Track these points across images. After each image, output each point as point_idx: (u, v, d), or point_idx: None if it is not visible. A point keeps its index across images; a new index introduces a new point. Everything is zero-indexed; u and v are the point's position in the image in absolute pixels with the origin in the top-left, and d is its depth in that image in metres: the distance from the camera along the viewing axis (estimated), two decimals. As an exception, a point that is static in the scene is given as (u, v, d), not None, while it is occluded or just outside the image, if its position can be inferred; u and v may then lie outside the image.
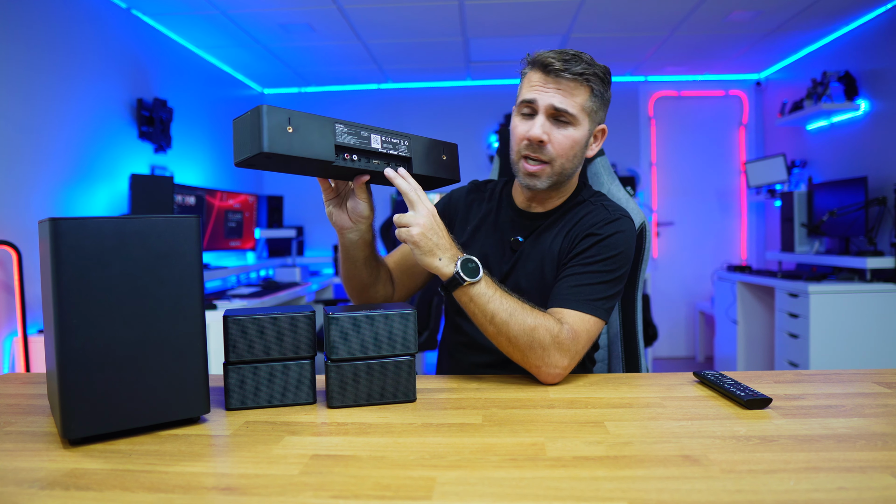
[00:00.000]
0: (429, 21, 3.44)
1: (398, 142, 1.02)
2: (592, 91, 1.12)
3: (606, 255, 1.10)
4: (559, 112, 1.10)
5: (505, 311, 0.99)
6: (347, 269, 1.16)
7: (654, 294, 4.81)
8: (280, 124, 0.87)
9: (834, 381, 1.02)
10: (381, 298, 1.24)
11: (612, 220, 1.15)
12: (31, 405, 0.94)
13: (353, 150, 0.97)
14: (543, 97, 1.10)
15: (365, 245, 1.13)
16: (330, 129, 0.93)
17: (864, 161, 3.45)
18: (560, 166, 1.13)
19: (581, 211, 1.19)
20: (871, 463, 0.66)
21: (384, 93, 4.96)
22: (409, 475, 0.65)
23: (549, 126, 1.11)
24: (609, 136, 1.27)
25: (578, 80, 1.10)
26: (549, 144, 1.11)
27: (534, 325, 0.99)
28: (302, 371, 0.90)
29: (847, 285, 3.08)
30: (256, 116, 0.86)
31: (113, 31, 3.01)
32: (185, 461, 0.69)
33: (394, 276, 1.28)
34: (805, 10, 3.32)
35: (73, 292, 0.72)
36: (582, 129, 1.13)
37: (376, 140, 0.99)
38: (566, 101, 1.10)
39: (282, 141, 0.87)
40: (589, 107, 1.13)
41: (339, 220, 1.09)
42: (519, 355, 1.01)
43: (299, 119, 0.89)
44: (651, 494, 0.59)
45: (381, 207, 4.88)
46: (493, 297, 0.99)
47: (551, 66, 1.09)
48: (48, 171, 2.56)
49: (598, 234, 1.12)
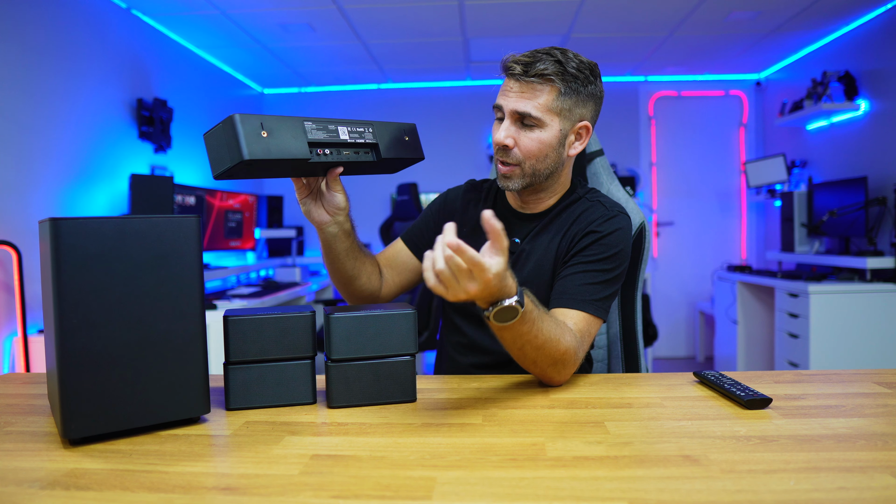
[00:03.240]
0: (429, 21, 3.44)
1: (363, 130, 1.04)
2: (560, 90, 1.09)
3: (606, 254, 1.10)
4: (521, 115, 1.10)
5: (539, 340, 0.93)
6: (332, 263, 1.16)
7: (654, 294, 4.81)
8: (255, 130, 0.88)
9: (834, 381, 1.02)
10: (367, 292, 1.23)
11: (611, 216, 1.15)
12: (31, 405, 0.94)
13: (325, 145, 0.99)
14: (508, 102, 1.11)
15: (346, 236, 1.13)
16: (300, 128, 0.95)
17: (864, 161, 3.45)
18: (531, 167, 1.13)
19: (577, 208, 1.19)
20: (871, 463, 0.66)
21: (384, 93, 4.96)
22: (409, 475, 0.65)
23: (514, 130, 1.11)
24: (609, 136, 1.28)
25: (540, 81, 1.08)
26: (514, 148, 1.12)
27: (564, 351, 0.96)
28: (302, 371, 0.90)
29: (847, 285, 3.08)
30: (230, 126, 0.87)
31: (113, 31, 3.01)
32: (185, 461, 0.69)
33: (383, 272, 1.27)
34: (805, 10, 3.32)
35: (73, 292, 0.72)
36: (550, 129, 1.11)
37: (343, 131, 1.01)
38: (528, 103, 1.09)
39: (259, 146, 0.87)
40: (557, 106, 1.10)
41: (317, 217, 1.09)
42: (537, 371, 0.99)
43: (271, 122, 0.90)
44: (651, 494, 0.59)
45: (381, 207, 4.89)
46: (531, 331, 0.92)
47: (512, 70, 1.10)
48: (48, 171, 2.56)
49: (597, 232, 1.12)
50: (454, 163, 4.79)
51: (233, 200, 3.70)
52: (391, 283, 1.28)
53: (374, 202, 4.88)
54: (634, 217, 1.32)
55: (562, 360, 0.97)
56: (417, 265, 1.30)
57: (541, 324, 0.91)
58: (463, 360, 1.26)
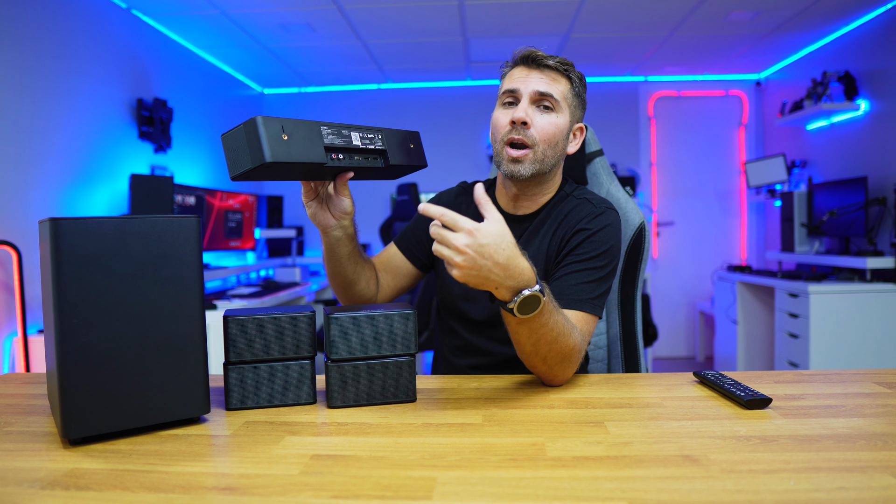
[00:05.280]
0: (429, 21, 3.44)
1: (373, 136, 1.05)
2: (573, 84, 1.17)
3: (598, 251, 1.12)
4: (543, 97, 1.13)
5: (551, 336, 0.95)
6: (332, 267, 1.17)
7: (654, 294, 4.81)
8: (276, 133, 0.88)
9: (834, 381, 1.02)
10: (366, 297, 1.23)
11: (599, 213, 1.16)
12: (31, 405, 0.94)
13: (338, 150, 1.00)
14: (527, 84, 1.14)
15: (349, 240, 1.13)
16: (317, 132, 0.95)
17: (864, 161, 3.45)
18: (542, 153, 1.14)
19: (566, 207, 1.20)
20: (871, 463, 0.66)
21: (384, 93, 4.96)
22: (409, 475, 0.65)
23: (532, 111, 1.14)
24: (609, 136, 1.30)
25: (560, 71, 1.16)
26: (532, 127, 1.13)
27: (572, 346, 0.97)
28: (302, 371, 0.91)
29: (847, 285, 3.08)
30: (253, 128, 0.87)
31: (113, 31, 3.01)
32: (185, 461, 0.69)
33: (379, 277, 1.28)
34: (805, 10, 3.32)
35: (73, 292, 0.72)
36: (564, 117, 1.16)
37: (356, 137, 1.02)
38: (550, 86, 1.14)
39: (280, 149, 0.88)
40: (570, 98, 1.17)
41: (323, 220, 1.09)
42: (545, 368, 0.99)
43: (290, 126, 0.91)
44: (651, 494, 0.59)
45: (381, 207, 4.89)
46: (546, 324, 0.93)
47: (533, 55, 1.15)
48: (48, 171, 2.56)
49: (588, 229, 1.14)
50: (454, 163, 4.78)
51: (233, 200, 3.70)
52: (387, 288, 1.29)
53: (375, 202, 4.88)
54: (634, 217, 1.32)
55: (569, 357, 0.98)
56: (411, 269, 1.31)
57: (557, 316, 0.94)
58: (460, 362, 1.26)
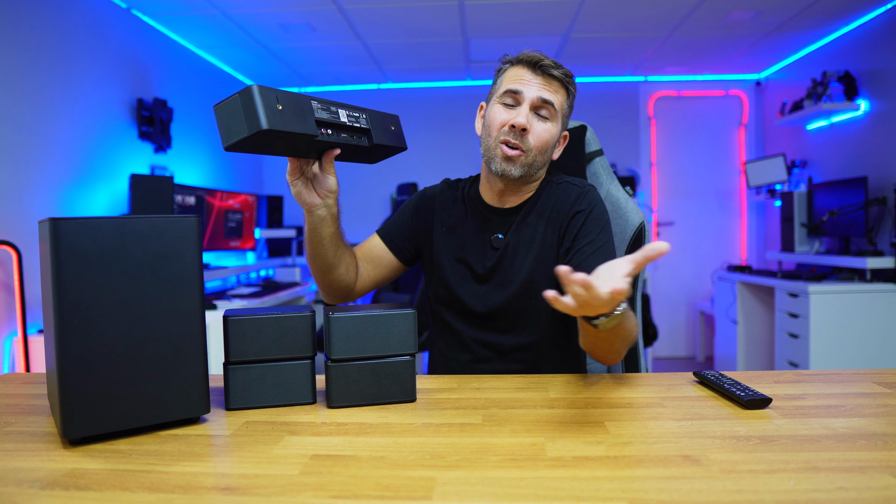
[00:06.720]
0: (429, 21, 3.44)
1: (358, 115, 1.05)
2: (569, 96, 1.21)
3: (600, 227, 1.18)
4: (544, 104, 1.16)
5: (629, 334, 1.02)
6: (313, 249, 1.17)
7: (654, 294, 4.81)
8: (272, 102, 0.88)
9: (834, 381, 1.02)
10: (344, 283, 1.24)
11: (585, 192, 1.22)
12: (31, 405, 0.94)
13: (327, 125, 0.99)
14: (530, 90, 1.16)
15: (332, 220, 1.14)
16: (308, 106, 0.95)
17: (864, 161, 3.45)
18: (533, 158, 1.18)
19: (550, 194, 1.24)
20: (871, 463, 0.66)
21: (384, 93, 4.96)
22: (409, 475, 0.65)
23: (531, 117, 1.16)
24: (609, 136, 1.32)
25: (561, 82, 1.19)
26: (529, 134, 1.16)
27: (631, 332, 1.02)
28: (302, 371, 0.90)
29: (847, 285, 3.08)
30: (248, 97, 0.87)
31: (113, 31, 3.01)
32: (185, 461, 0.69)
33: (359, 265, 1.28)
34: (805, 10, 3.32)
35: (73, 292, 0.72)
36: (557, 126, 1.20)
37: (343, 114, 1.02)
38: (552, 95, 1.17)
39: (276, 118, 0.88)
40: (564, 109, 1.21)
41: (308, 199, 1.09)
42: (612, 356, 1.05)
43: (284, 97, 0.91)
44: (651, 494, 0.59)
45: (381, 207, 4.89)
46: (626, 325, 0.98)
47: (540, 62, 1.16)
48: (48, 171, 2.56)
49: (583, 210, 1.19)
50: (454, 162, 4.78)
51: (233, 200, 3.70)
52: (366, 277, 1.30)
53: (374, 202, 4.88)
54: (634, 217, 1.32)
55: (632, 341, 1.04)
56: (393, 261, 1.32)
57: (632, 313, 1.00)
58: (456, 356, 1.27)
